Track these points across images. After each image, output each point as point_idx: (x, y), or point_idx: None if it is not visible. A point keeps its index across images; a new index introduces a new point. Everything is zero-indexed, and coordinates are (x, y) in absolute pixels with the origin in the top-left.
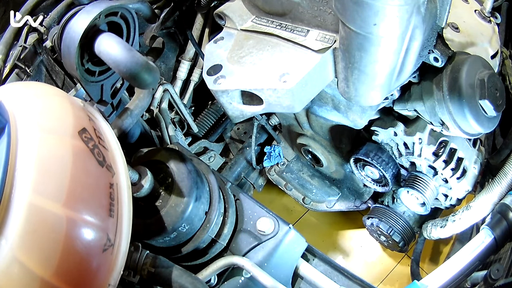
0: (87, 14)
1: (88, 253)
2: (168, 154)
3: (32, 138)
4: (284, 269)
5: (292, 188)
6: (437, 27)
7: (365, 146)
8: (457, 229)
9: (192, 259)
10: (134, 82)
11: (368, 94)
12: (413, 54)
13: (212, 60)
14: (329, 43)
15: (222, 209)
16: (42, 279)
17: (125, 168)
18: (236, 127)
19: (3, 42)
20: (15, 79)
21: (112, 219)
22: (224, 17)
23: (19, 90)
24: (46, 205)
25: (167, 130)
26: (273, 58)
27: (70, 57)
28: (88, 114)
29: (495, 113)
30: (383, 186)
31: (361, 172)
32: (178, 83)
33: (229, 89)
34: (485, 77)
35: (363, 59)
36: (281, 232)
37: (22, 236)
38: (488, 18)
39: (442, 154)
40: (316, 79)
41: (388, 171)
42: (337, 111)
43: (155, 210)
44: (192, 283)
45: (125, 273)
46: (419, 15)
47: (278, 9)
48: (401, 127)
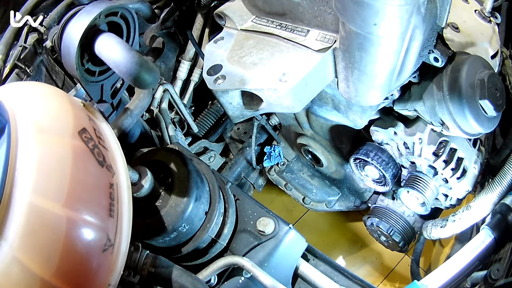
0: (87, 14)
1: (88, 253)
2: (168, 154)
3: (32, 138)
4: (284, 269)
5: (292, 188)
6: (437, 27)
7: (365, 146)
8: (457, 229)
9: (192, 259)
10: (134, 82)
11: (368, 94)
12: (413, 54)
13: (212, 60)
14: (329, 43)
15: (222, 209)
16: (42, 279)
17: (125, 168)
18: (236, 127)
19: (3, 42)
20: (15, 79)
21: (112, 219)
22: (224, 17)
23: (19, 90)
24: (46, 205)
25: (167, 130)
26: (273, 58)
27: (70, 57)
28: (88, 114)
29: (495, 113)
30: (383, 186)
31: (361, 172)
32: (178, 83)
33: (229, 89)
34: (485, 77)
35: (363, 59)
36: (281, 232)
37: (22, 236)
38: (488, 18)
39: (442, 154)
40: (316, 79)
41: (388, 171)
42: (337, 111)
43: (155, 210)
44: (192, 283)
45: (125, 273)
46: (419, 15)
47: (278, 9)
48: (401, 127)
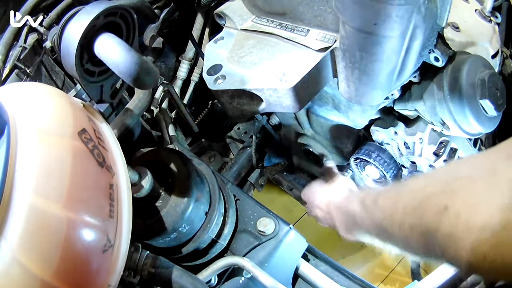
0: (86, 14)
1: (88, 254)
2: (168, 154)
3: (31, 139)
4: (285, 269)
5: (293, 188)
6: (437, 26)
7: (366, 146)
8: None
9: (193, 260)
10: (133, 82)
11: (368, 93)
12: (414, 54)
13: (212, 60)
14: (330, 42)
15: (222, 209)
16: (42, 280)
17: (125, 169)
18: (236, 127)
19: (3, 42)
20: (15, 79)
21: (112, 220)
22: (224, 17)
23: (18, 90)
24: (46, 206)
25: (167, 130)
26: (273, 58)
27: (69, 57)
28: (88, 115)
29: (496, 113)
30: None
31: (362, 172)
32: (178, 83)
33: (229, 89)
34: (485, 76)
35: (363, 59)
36: (282, 232)
37: (22, 237)
38: (488, 17)
39: (443, 154)
40: (317, 78)
41: (389, 171)
42: (337, 111)
43: (155, 211)
44: (192, 284)
45: (125, 273)
46: (420, 14)
47: (279, 9)
48: (402, 127)
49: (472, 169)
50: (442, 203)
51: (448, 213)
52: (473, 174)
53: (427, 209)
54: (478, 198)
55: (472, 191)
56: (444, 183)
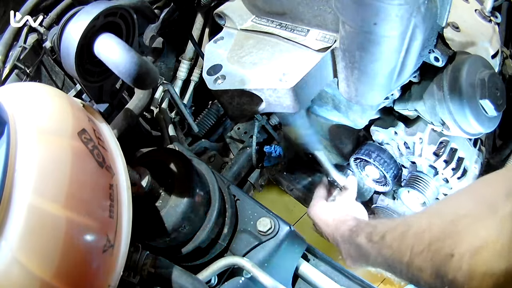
0: (86, 14)
1: (88, 254)
2: (168, 154)
3: (31, 139)
4: (285, 269)
5: (293, 188)
6: (437, 26)
7: (366, 146)
8: None
9: (192, 260)
10: (133, 83)
11: (368, 93)
12: (414, 54)
13: (212, 60)
14: (329, 42)
15: (222, 209)
16: (42, 280)
17: (124, 169)
18: (236, 127)
19: (3, 42)
20: (15, 79)
21: (112, 220)
22: (224, 17)
23: (18, 91)
24: (46, 206)
25: (167, 130)
26: (273, 58)
27: (69, 57)
28: (88, 115)
29: (496, 113)
30: (384, 186)
31: (362, 172)
32: (178, 83)
33: (229, 89)
34: (485, 76)
35: (363, 59)
36: (282, 232)
37: (22, 237)
38: (488, 17)
39: (443, 154)
40: (317, 78)
41: (389, 171)
42: (337, 111)
43: (155, 211)
44: (192, 284)
45: (125, 273)
46: (420, 14)
47: (278, 9)
48: (402, 127)
49: (474, 206)
50: (448, 248)
51: (453, 258)
52: (475, 212)
53: (435, 252)
54: (481, 241)
55: (475, 234)
56: (449, 223)
